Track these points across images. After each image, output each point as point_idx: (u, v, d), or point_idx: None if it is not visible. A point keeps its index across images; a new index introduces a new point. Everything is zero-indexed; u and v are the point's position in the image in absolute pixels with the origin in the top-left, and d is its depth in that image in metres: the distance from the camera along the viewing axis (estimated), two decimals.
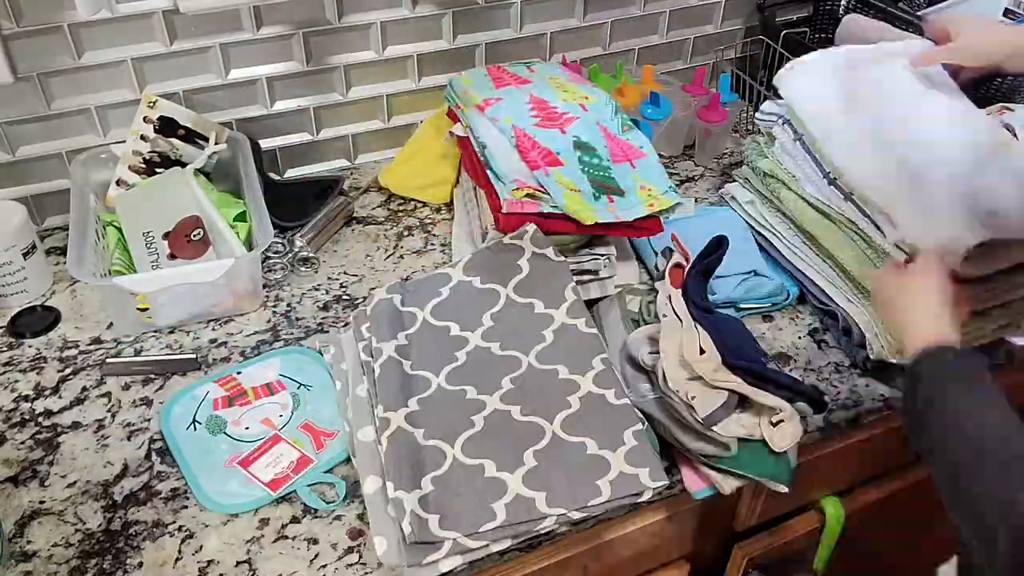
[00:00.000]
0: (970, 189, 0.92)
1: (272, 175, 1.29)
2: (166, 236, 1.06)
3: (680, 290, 0.94)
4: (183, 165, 1.14)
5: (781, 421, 0.83)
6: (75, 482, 0.85)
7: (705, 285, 0.97)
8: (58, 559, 0.78)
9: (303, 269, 1.13)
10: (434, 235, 1.20)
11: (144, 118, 1.12)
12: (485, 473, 0.81)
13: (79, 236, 0.99)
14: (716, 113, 1.31)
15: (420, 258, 1.16)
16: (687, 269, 0.96)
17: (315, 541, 0.80)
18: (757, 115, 1.20)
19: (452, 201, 1.24)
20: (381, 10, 1.22)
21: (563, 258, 1.00)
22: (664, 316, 0.92)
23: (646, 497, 0.81)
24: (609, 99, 1.13)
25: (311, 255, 1.14)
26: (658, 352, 0.88)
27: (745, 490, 0.95)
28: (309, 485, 0.85)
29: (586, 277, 1.04)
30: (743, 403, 0.85)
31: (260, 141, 1.24)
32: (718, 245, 0.96)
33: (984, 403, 0.70)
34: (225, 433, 0.90)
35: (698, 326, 0.89)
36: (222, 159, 1.16)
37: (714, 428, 0.82)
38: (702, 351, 0.86)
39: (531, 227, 0.99)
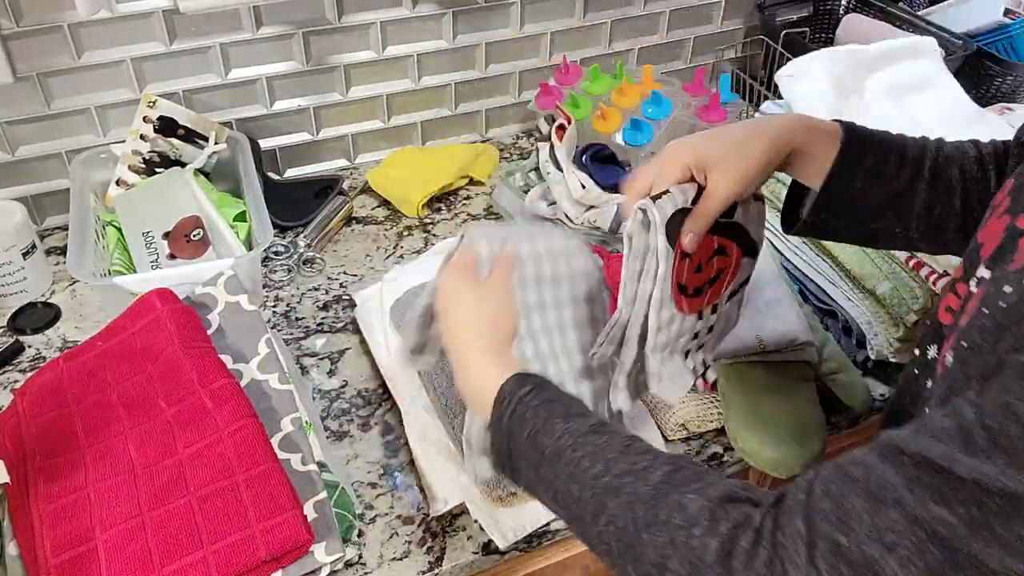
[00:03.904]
0: None
1: (272, 175, 1.29)
2: (166, 236, 1.06)
3: (560, 141, 1.12)
4: (183, 165, 1.14)
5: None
6: None
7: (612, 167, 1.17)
8: None
9: (307, 270, 1.13)
10: (434, 235, 1.20)
11: (144, 118, 1.12)
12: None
13: (79, 236, 0.99)
14: (716, 113, 1.31)
15: (420, 258, 1.16)
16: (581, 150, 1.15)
17: None
18: (757, 116, 1.20)
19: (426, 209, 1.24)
20: (381, 10, 1.22)
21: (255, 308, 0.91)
22: (548, 174, 1.12)
23: (324, 574, 0.74)
24: None
25: (316, 256, 1.14)
26: (554, 203, 1.12)
27: None
28: None
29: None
30: None
31: (260, 141, 1.24)
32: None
33: (585, 435, 0.58)
34: None
35: (575, 169, 1.10)
36: (222, 159, 1.16)
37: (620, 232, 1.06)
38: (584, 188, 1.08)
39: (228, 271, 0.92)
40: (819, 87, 1.07)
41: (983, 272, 0.56)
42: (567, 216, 1.11)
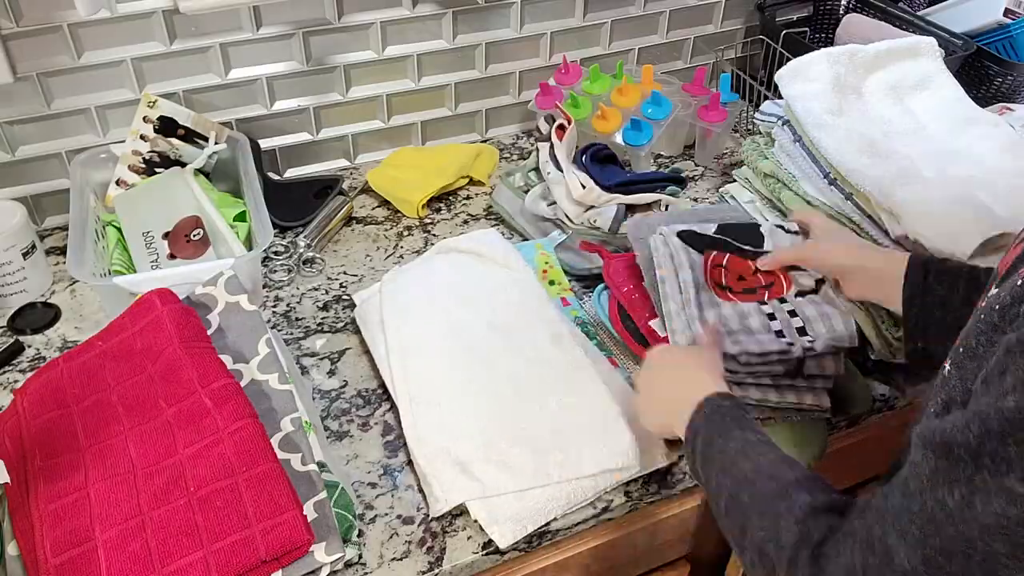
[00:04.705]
0: (983, 185, 0.91)
1: (272, 175, 1.29)
2: (166, 236, 1.06)
3: (560, 141, 1.13)
4: (183, 165, 1.14)
5: (667, 206, 1.11)
6: None
7: (612, 167, 1.18)
8: None
9: (307, 270, 1.13)
10: (434, 235, 1.20)
11: (144, 118, 1.12)
12: None
13: (79, 236, 0.99)
14: (716, 113, 1.31)
15: (420, 258, 1.16)
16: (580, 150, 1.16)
17: None
18: (756, 115, 1.20)
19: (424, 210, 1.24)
20: (381, 10, 1.22)
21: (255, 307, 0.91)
22: (548, 174, 1.12)
23: (324, 574, 0.74)
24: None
25: (316, 256, 1.14)
26: (554, 203, 1.12)
27: None
28: None
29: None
30: (631, 209, 1.09)
31: (260, 141, 1.24)
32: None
33: (753, 444, 0.69)
34: None
35: (576, 169, 1.10)
36: (222, 159, 1.16)
37: (621, 232, 1.07)
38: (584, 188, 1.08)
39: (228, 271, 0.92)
40: (819, 87, 1.07)
41: (992, 291, 0.57)
42: (567, 216, 1.11)
